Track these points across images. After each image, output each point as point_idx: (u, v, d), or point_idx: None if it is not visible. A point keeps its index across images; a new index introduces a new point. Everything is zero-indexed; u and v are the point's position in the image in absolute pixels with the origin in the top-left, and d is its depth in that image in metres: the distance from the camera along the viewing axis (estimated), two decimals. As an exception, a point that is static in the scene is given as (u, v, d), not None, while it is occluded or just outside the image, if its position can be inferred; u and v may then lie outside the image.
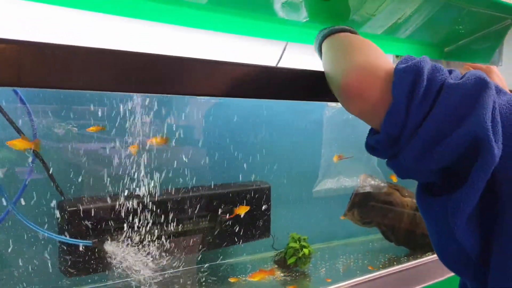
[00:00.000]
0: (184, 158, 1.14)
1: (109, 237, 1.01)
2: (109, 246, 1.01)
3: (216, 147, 1.22)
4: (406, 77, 0.56)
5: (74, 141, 1.04)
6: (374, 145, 0.62)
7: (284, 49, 1.22)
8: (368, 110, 0.61)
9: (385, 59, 0.63)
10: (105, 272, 1.03)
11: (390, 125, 0.56)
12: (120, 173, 1.06)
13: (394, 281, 1.28)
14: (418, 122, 0.54)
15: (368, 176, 1.39)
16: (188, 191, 1.12)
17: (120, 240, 1.03)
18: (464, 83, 0.54)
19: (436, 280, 1.38)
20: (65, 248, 1.00)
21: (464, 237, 0.53)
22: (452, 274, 1.41)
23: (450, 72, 0.58)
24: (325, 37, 0.79)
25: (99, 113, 1.03)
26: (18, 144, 0.88)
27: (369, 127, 0.66)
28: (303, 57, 1.27)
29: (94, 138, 1.05)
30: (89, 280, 1.08)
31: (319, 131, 1.35)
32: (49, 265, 1.02)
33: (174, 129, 1.10)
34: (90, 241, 0.99)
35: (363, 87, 0.60)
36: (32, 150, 0.96)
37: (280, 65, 1.20)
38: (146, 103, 1.04)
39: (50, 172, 1.00)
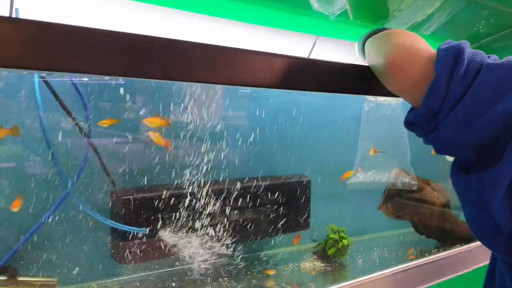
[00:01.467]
0: (225, 150, 1.16)
1: (162, 225, 1.05)
2: (163, 234, 1.04)
3: (255, 140, 1.24)
4: (448, 55, 0.60)
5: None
6: (413, 121, 0.66)
7: (314, 44, 1.25)
8: (409, 87, 0.66)
9: (426, 44, 0.68)
10: (158, 259, 1.06)
11: (432, 99, 0.61)
12: (167, 164, 1.09)
13: (424, 272, 1.31)
14: (458, 97, 0.58)
15: (402, 170, 1.42)
16: (232, 182, 1.15)
17: (171, 228, 1.06)
18: (503, 64, 0.58)
19: (465, 271, 1.42)
20: (118, 235, 1.03)
21: (498, 213, 0.56)
22: (480, 265, 1.45)
23: (488, 56, 0.61)
24: (368, 37, 0.83)
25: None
26: None
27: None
28: (331, 54, 1.31)
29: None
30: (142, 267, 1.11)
31: (356, 125, 1.37)
32: (102, 251, 1.05)
33: (215, 120, 1.13)
34: (144, 229, 1.02)
35: (405, 64, 0.66)
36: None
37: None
38: (188, 94, 1.07)
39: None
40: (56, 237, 1.00)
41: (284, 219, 1.22)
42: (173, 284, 1.08)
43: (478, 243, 1.43)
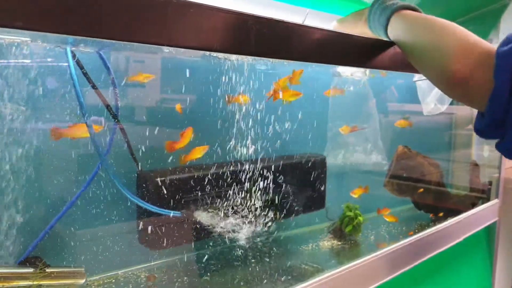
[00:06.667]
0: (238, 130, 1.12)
1: (192, 207, 1.00)
2: (198, 216, 1.00)
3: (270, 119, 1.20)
4: (508, 59, 0.56)
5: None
6: (483, 129, 0.62)
7: (306, 17, 1.23)
8: (472, 95, 0.62)
9: (482, 41, 0.63)
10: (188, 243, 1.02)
11: (494, 109, 0.57)
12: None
13: (425, 244, 1.36)
14: None
15: (404, 147, 1.46)
16: (245, 163, 1.10)
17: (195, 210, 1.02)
18: None
19: (457, 240, 1.49)
20: (146, 219, 0.97)
21: None
22: (468, 234, 1.52)
23: None
24: (393, 12, 0.78)
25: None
26: None
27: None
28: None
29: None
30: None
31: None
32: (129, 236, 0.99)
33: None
34: (179, 212, 0.98)
35: (469, 73, 0.60)
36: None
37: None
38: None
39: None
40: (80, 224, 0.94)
41: (300, 200, 1.20)
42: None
43: (466, 214, 1.52)
